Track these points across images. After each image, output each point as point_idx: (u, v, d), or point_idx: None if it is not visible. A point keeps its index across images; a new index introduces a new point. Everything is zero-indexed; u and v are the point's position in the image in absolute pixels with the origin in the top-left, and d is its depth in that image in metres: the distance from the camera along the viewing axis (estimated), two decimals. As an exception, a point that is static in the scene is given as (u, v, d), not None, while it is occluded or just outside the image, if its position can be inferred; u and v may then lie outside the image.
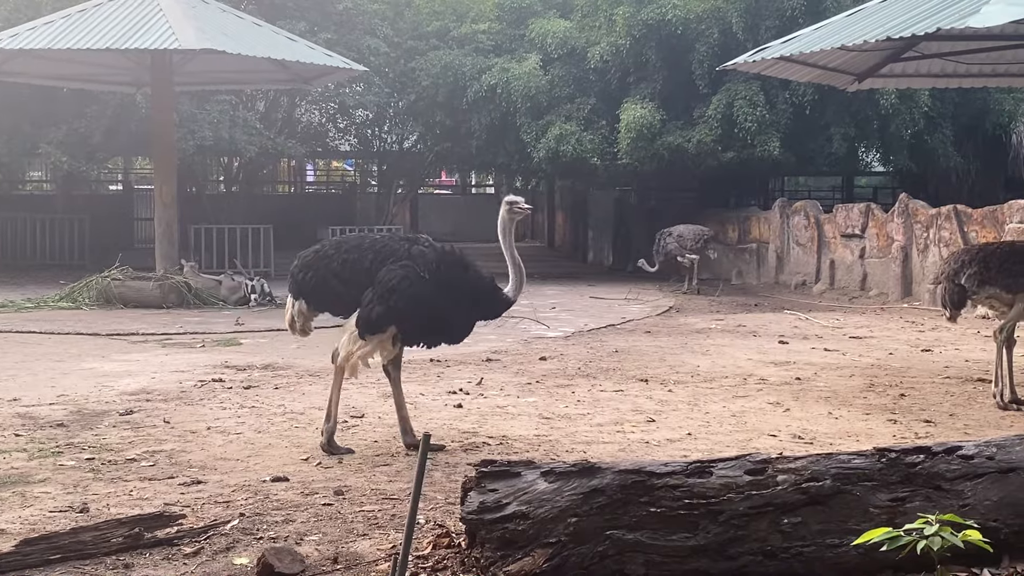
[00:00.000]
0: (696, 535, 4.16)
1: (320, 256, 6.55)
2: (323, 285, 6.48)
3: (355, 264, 6.41)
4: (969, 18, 6.70)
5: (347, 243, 6.67)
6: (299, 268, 6.61)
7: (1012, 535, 4.45)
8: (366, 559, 4.48)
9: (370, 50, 21.78)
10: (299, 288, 6.60)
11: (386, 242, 6.54)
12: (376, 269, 6.34)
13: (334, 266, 6.45)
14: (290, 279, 6.71)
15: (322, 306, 6.65)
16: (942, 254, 16.25)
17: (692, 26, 19.79)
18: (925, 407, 8.27)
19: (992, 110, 21.29)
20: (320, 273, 6.48)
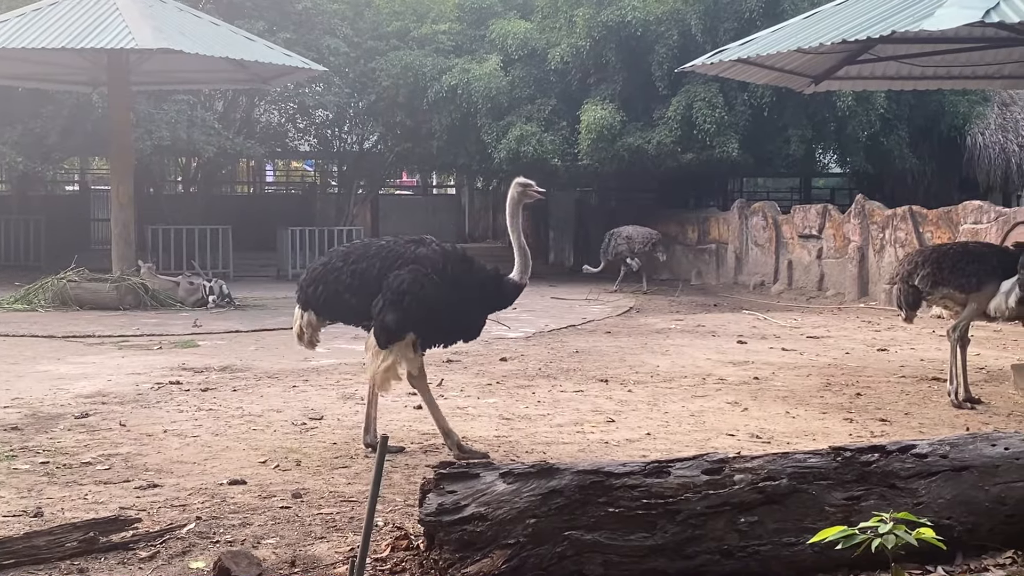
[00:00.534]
0: (654, 535, 4.18)
1: (329, 269, 6.48)
2: (335, 298, 6.42)
3: (364, 274, 6.33)
4: (923, 21, 6.78)
5: (354, 252, 6.55)
6: (308, 282, 6.56)
7: (965, 533, 4.51)
8: (324, 562, 4.46)
9: (330, 50, 21.68)
10: (308, 301, 6.56)
11: (391, 247, 6.45)
12: (384, 275, 6.28)
13: (344, 278, 6.38)
14: (299, 292, 6.66)
15: (333, 317, 6.65)
16: (898, 254, 16.45)
17: (652, 28, 19.87)
18: (881, 406, 8.36)
19: (947, 112, 21.56)
20: (331, 287, 6.42)
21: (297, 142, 27.74)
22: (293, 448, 6.67)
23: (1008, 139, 23.82)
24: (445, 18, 23.19)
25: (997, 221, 15.07)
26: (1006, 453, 4.66)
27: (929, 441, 4.69)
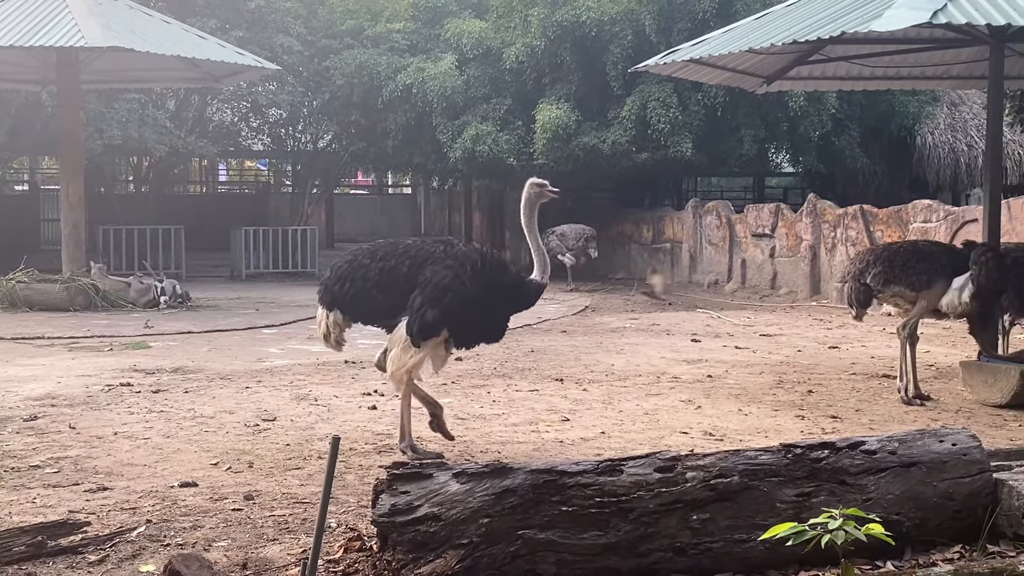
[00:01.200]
0: (607, 533, 4.19)
1: (355, 266, 6.41)
2: (361, 295, 6.35)
3: (392, 272, 6.29)
4: (872, 22, 6.86)
5: (380, 251, 6.49)
6: (333, 280, 6.48)
7: (914, 528, 4.57)
8: (276, 564, 4.43)
9: (283, 48, 21.55)
10: (334, 299, 6.47)
11: (420, 246, 6.45)
12: (413, 274, 6.24)
13: (372, 275, 6.33)
14: (323, 291, 6.56)
15: (358, 316, 6.53)
16: (849, 253, 16.64)
17: (606, 28, 19.94)
18: (832, 403, 8.45)
19: (897, 112, 21.83)
20: (357, 284, 6.36)
21: (250, 141, 27.57)
22: (245, 450, 6.62)
23: (957, 139, 24.15)
24: (400, 17, 23.13)
25: (946, 220, 15.29)
26: (954, 449, 4.72)
27: (878, 438, 4.74)
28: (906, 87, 15.68)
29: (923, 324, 9.45)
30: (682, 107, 19.77)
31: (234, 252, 23.92)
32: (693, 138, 19.88)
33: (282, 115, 25.12)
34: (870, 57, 10.58)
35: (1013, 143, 23.71)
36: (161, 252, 22.57)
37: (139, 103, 20.97)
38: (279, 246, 23.92)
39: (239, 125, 26.15)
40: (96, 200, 23.05)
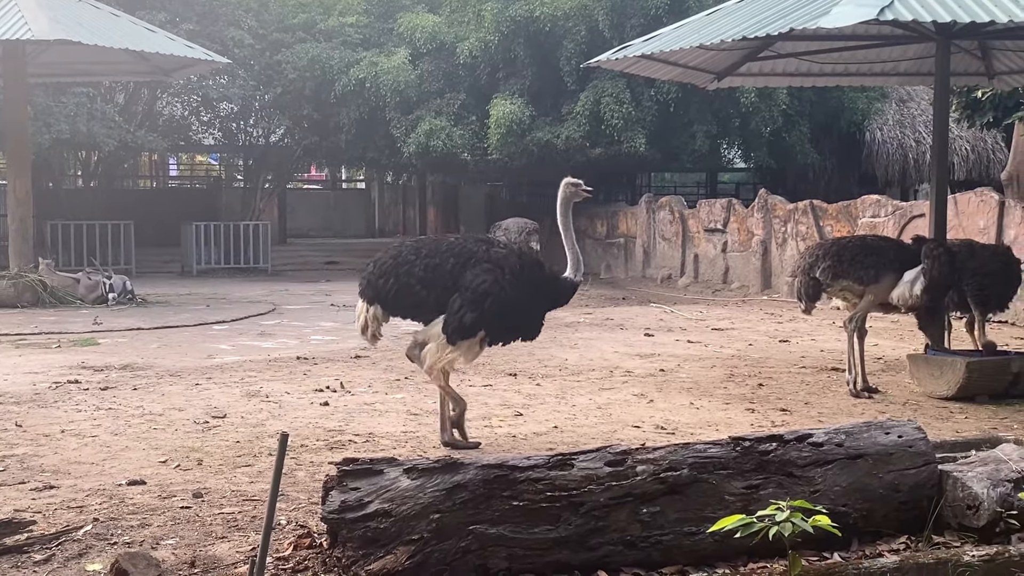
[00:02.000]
0: (558, 527, 4.20)
1: (400, 262, 6.46)
2: (406, 291, 6.41)
3: (438, 269, 6.36)
4: (820, 19, 6.93)
5: (425, 247, 6.56)
6: (377, 274, 6.53)
7: (861, 519, 4.62)
8: (224, 562, 4.39)
9: (234, 42, 21.36)
10: (377, 294, 6.51)
11: (464, 244, 6.51)
12: (458, 272, 6.33)
13: (417, 271, 6.39)
14: (365, 285, 6.60)
15: (399, 311, 6.59)
16: (799, 248, 16.80)
17: (560, 23, 19.97)
18: (782, 396, 8.53)
19: (847, 108, 22.08)
20: (402, 279, 6.41)
21: (201, 135, 27.29)
22: (195, 447, 6.56)
23: (905, 135, 24.47)
24: (352, 11, 23.01)
25: (894, 215, 15.49)
26: (900, 441, 4.79)
27: (825, 430, 4.79)
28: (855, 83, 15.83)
29: (871, 318, 9.57)
30: (635, 103, 19.86)
31: (185, 247, 23.69)
32: (646, 134, 19.98)
33: (233, 109, 24.90)
34: (819, 54, 10.67)
35: (960, 139, 24.06)
36: (110, 248, 22.30)
37: (88, 97, 20.68)
38: (231, 241, 23.72)
39: (190, 119, 25.89)
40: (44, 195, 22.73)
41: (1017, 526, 4.62)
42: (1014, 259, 9.11)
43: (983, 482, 4.66)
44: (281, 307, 15.85)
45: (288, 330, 13.03)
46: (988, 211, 13.86)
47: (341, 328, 13.24)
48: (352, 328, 13.02)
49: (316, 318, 14.40)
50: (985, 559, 4.31)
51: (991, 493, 4.61)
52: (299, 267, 24.86)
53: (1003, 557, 4.34)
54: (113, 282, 16.08)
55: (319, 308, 15.78)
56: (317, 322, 13.93)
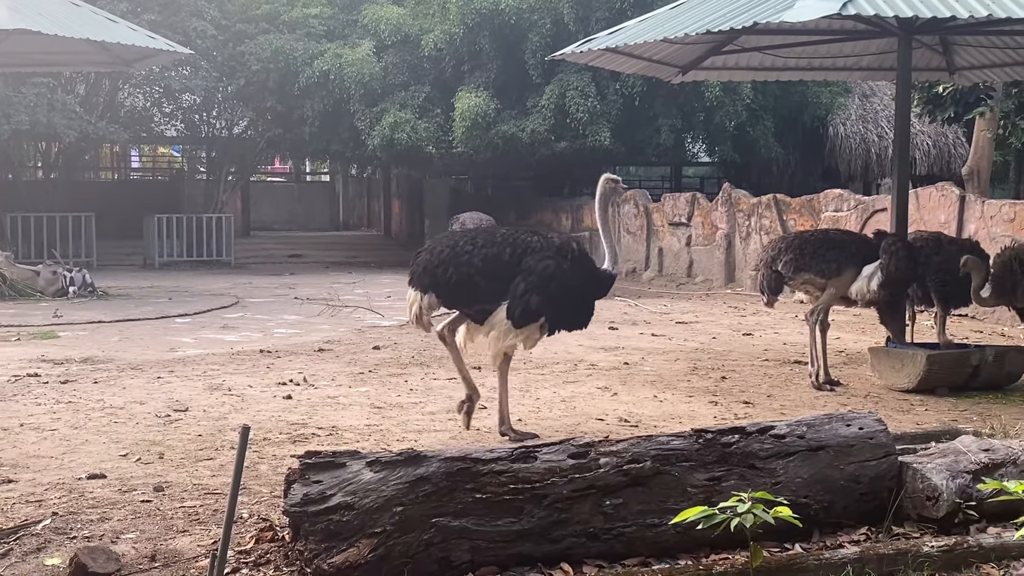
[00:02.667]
0: (521, 519, 4.20)
1: (458, 252, 6.54)
2: (465, 280, 6.51)
3: (496, 259, 6.49)
4: (783, 13, 6.96)
5: (481, 238, 6.67)
6: (435, 264, 6.58)
7: (822, 510, 4.66)
8: (185, 556, 4.36)
9: (197, 33, 21.16)
10: (434, 282, 6.58)
11: (517, 235, 6.65)
12: (515, 262, 6.48)
13: (476, 262, 6.49)
14: (423, 274, 6.64)
15: (454, 300, 6.68)
16: (763, 242, 16.89)
17: (525, 16, 19.95)
18: (745, 389, 8.58)
19: (810, 103, 22.23)
20: (461, 269, 6.50)
21: (163, 127, 27.04)
22: (156, 441, 6.50)
23: (868, 129, 24.68)
24: (316, 2, 22.89)
25: (857, 209, 15.62)
26: (860, 433, 4.83)
27: (787, 422, 4.83)
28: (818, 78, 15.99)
29: (834, 311, 9.63)
30: (600, 97, 19.88)
31: (147, 240, 23.48)
32: (611, 127, 20.01)
33: (196, 100, 24.69)
34: (783, 48, 10.72)
35: (922, 134, 24.31)
36: (71, 240, 22.06)
37: (48, 87, 20.43)
38: (193, 234, 23.54)
39: (151, 110, 25.64)
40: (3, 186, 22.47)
41: (976, 517, 4.68)
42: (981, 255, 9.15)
43: (942, 474, 4.71)
44: (244, 300, 15.75)
45: (251, 323, 12.95)
46: (949, 205, 14.01)
47: (304, 321, 13.19)
48: (315, 321, 13.06)
49: (280, 311, 14.32)
50: (944, 550, 4.35)
51: (950, 484, 4.67)
52: (263, 260, 24.72)
53: (962, 548, 4.38)
54: (74, 275, 15.90)
55: (283, 301, 15.69)
56: (280, 315, 13.85)
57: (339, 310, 14.43)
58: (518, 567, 4.19)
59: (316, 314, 13.95)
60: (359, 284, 18.77)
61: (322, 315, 13.86)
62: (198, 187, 27.64)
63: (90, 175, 31.07)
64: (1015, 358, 8.76)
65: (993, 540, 4.47)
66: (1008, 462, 4.88)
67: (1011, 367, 8.73)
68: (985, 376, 8.57)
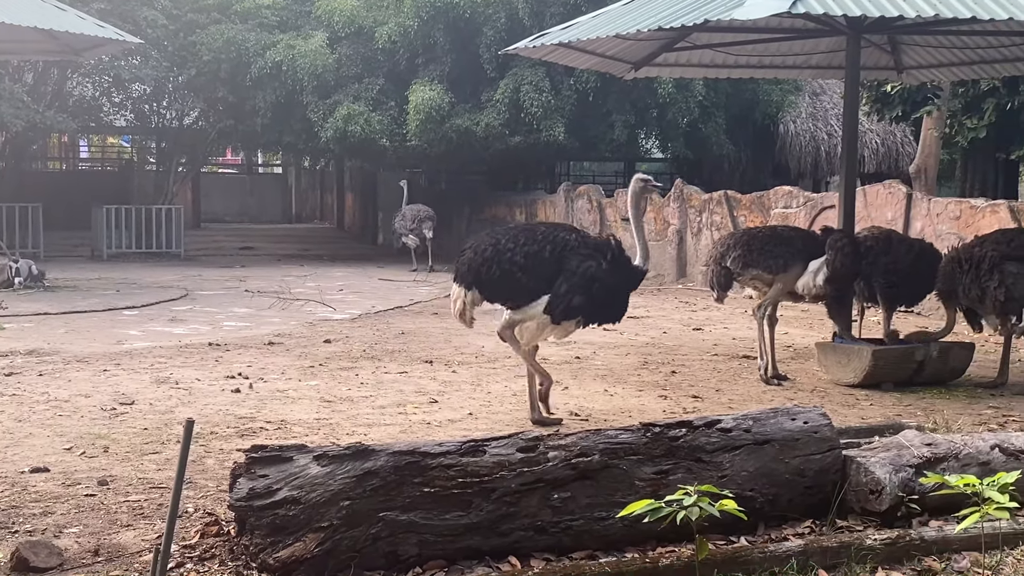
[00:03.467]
0: (469, 513, 4.20)
1: (500, 250, 6.80)
2: (507, 277, 6.78)
3: (537, 256, 6.76)
4: (734, 10, 7.00)
5: (522, 236, 6.91)
6: (479, 262, 6.85)
7: (767, 504, 4.71)
8: (129, 550, 4.31)
9: (147, 22, 20.90)
10: (477, 279, 6.86)
11: (554, 232, 6.91)
12: (555, 259, 6.75)
13: (518, 259, 6.76)
14: (468, 272, 6.90)
15: (496, 296, 6.93)
16: (714, 237, 17.01)
17: (480, 10, 19.91)
18: (694, 383, 8.64)
19: (761, 101, 22.41)
20: (504, 267, 6.77)
21: (113, 117, 26.68)
22: (101, 434, 6.42)
23: (818, 127, 24.93)
24: (269, -8, 22.68)
25: (806, 206, 15.77)
26: (806, 427, 4.88)
27: (734, 416, 4.87)
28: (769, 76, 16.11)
29: (782, 307, 9.73)
30: (555, 91, 19.90)
31: (95, 231, 23.18)
32: (565, 123, 20.03)
33: (146, 90, 24.39)
34: (734, 45, 10.78)
35: (870, 132, 24.61)
36: (17, 231, 21.74)
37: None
38: (142, 225, 23.27)
39: (101, 100, 25.28)
40: (-52, 176, 22.04)
41: (918, 510, 4.75)
42: (932, 256, 9.24)
43: (886, 467, 4.78)
44: (193, 293, 15.60)
45: (200, 316, 12.83)
46: (896, 203, 14.19)
47: (255, 314, 13.09)
48: (265, 314, 12.97)
49: (229, 304, 14.20)
50: (887, 543, 4.41)
51: (893, 478, 4.73)
52: (213, 252, 24.49)
53: (904, 541, 4.45)
54: (20, 266, 15.65)
55: (233, 294, 15.57)
56: (230, 308, 13.73)
57: (290, 303, 14.34)
58: (466, 561, 4.19)
59: (267, 307, 13.86)
60: (311, 277, 18.67)
61: (273, 308, 13.77)
62: (148, 178, 27.31)
63: (38, 165, 30.62)
64: (959, 354, 8.91)
65: (935, 533, 4.54)
66: (950, 456, 4.96)
67: (955, 363, 8.87)
68: (929, 372, 8.71)
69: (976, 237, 9.18)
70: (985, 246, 8.54)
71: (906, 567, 4.34)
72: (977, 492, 4.17)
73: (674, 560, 4.13)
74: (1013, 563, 4.39)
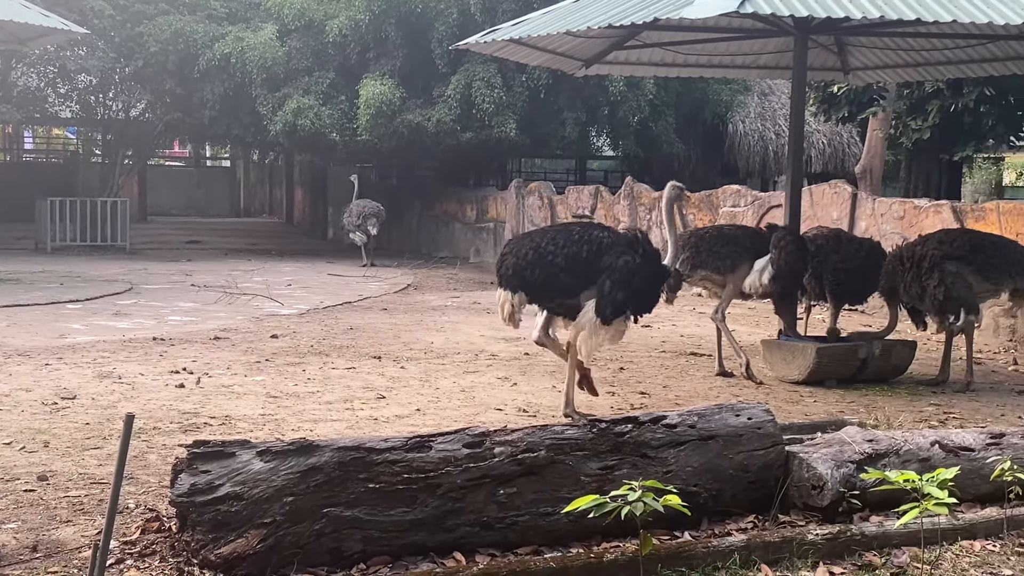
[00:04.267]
0: (415, 509, 4.19)
1: (543, 253, 7.03)
2: (551, 280, 7.03)
3: (576, 257, 6.99)
4: (683, 9, 7.04)
5: (560, 238, 7.14)
6: (523, 265, 7.05)
7: (711, 499, 4.75)
8: (68, 546, 4.25)
9: (94, 12, 20.59)
10: (522, 282, 7.07)
11: (591, 233, 7.15)
12: (593, 260, 6.98)
13: (559, 261, 7.00)
14: (513, 276, 7.10)
15: (541, 296, 7.17)
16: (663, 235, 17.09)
17: (432, 5, 19.84)
18: (642, 379, 8.69)
19: (711, 100, 22.57)
20: (547, 269, 7.00)
21: (58, 108, 26.23)
22: (42, 429, 6.32)
23: (766, 127, 25.16)
24: (218, -16, 22.44)
25: (753, 205, 15.91)
26: (749, 423, 4.93)
27: (679, 412, 4.90)
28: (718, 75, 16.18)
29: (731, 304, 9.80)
30: (506, 88, 19.88)
31: (39, 224, 22.79)
32: (517, 119, 20.03)
33: (92, 81, 24.02)
34: (684, 44, 10.85)
35: (817, 132, 24.90)
36: (-42, 222, 21.33)
37: (-65, 64, 19.69)
38: (87, 218, 22.92)
39: (46, 91, 24.85)
40: None
41: (859, 506, 4.81)
42: (879, 255, 9.36)
43: (827, 463, 4.84)
44: (139, 287, 15.40)
45: (145, 310, 12.66)
46: (841, 203, 14.36)
47: (201, 309, 12.95)
48: (212, 309, 12.84)
49: (175, 298, 14.03)
50: (828, 537, 4.47)
51: (835, 474, 4.79)
52: (159, 246, 24.19)
53: (845, 536, 4.51)
54: (-41, 258, 15.37)
55: (179, 288, 15.38)
56: (176, 302, 13.58)
57: (237, 298, 14.21)
58: (411, 557, 4.18)
59: (213, 302, 13.72)
60: (259, 272, 18.50)
61: (219, 303, 13.64)
62: (93, 170, 26.91)
63: (-20, 156, 30.07)
64: (901, 352, 9.04)
65: (875, 528, 4.60)
66: (891, 452, 5.03)
67: (897, 360, 9.00)
68: (872, 369, 8.83)
69: (919, 236, 9.33)
70: (927, 245, 8.68)
71: (847, 562, 4.39)
72: (917, 488, 4.23)
73: (619, 555, 4.15)
74: (951, 558, 4.46)
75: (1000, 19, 7.16)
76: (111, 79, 23.76)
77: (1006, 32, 8.96)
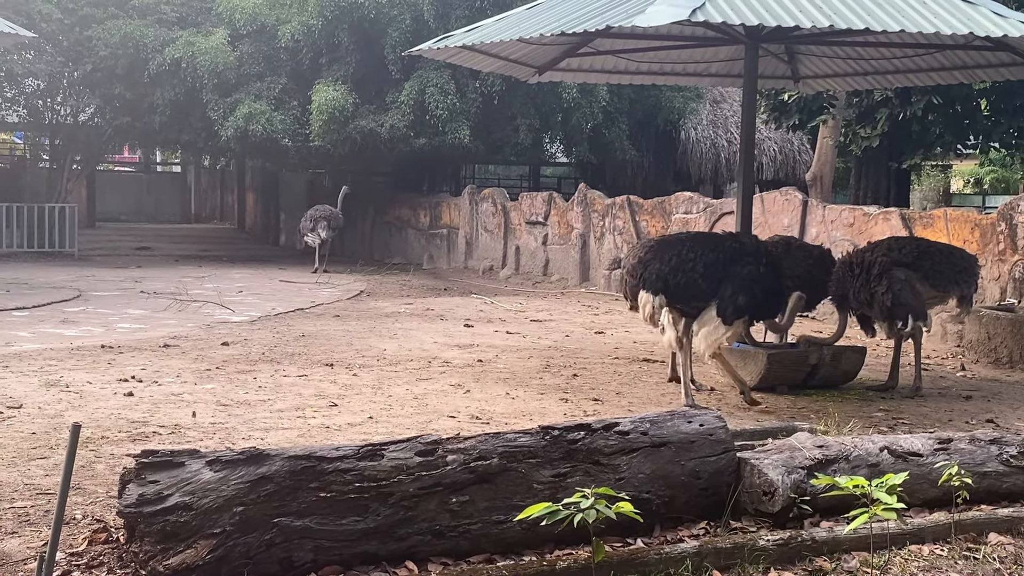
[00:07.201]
0: (366, 518, 4.16)
1: (684, 260, 7.74)
2: (691, 284, 7.73)
3: (714, 264, 7.72)
4: (635, 17, 7.06)
5: (698, 246, 7.86)
6: (667, 272, 7.75)
7: (663, 505, 4.76)
8: (14, 558, 4.17)
9: (41, 15, 20.31)
10: (666, 287, 7.78)
11: (720, 241, 8.02)
12: (723, 266, 7.71)
13: (699, 268, 7.71)
14: (656, 280, 7.78)
15: (679, 300, 7.84)
16: (616, 241, 17.22)
17: (384, 10, 19.80)
18: (595, 386, 8.71)
19: (664, 107, 22.73)
20: (688, 275, 7.71)
21: (5, 112, 25.82)
22: (-14, 439, 6.20)
23: (718, 134, 25.38)
24: (169, -12, 22.22)
25: (705, 211, 16.03)
26: (701, 429, 4.95)
27: (631, 419, 4.91)
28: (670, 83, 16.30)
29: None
30: (460, 94, 19.89)
31: (-16, 229, 22.43)
32: (471, 125, 20.03)
33: (40, 86, 23.67)
34: (636, 52, 10.90)
35: (768, 140, 25.14)
36: (-100, 228, 20.92)
37: None
38: (34, 224, 22.58)
39: (-8, 95, 24.49)
40: None
41: (810, 511, 4.85)
42: (827, 262, 9.44)
43: (778, 469, 4.87)
44: (87, 293, 15.18)
45: (93, 317, 12.49)
46: (792, 210, 14.50)
47: (150, 316, 12.80)
48: (161, 316, 12.69)
49: (124, 305, 13.86)
50: (779, 543, 4.49)
51: (786, 480, 4.82)
52: (108, 252, 23.88)
53: (796, 541, 4.53)
54: (-99, 265, 15.08)
55: (128, 295, 15.19)
56: (125, 309, 13.40)
57: (187, 305, 14.06)
58: (362, 566, 4.15)
59: (163, 309, 13.56)
60: (210, 278, 18.32)
61: (169, 310, 13.48)
62: (40, 175, 26.52)
63: (-77, 160, 29.51)
64: (851, 358, 9.13)
65: (826, 534, 4.64)
66: (841, 458, 5.07)
67: (847, 366, 9.09)
68: (822, 375, 8.91)
69: (868, 243, 9.44)
70: (876, 252, 8.78)
71: (798, 567, 4.42)
72: (866, 493, 4.27)
73: (571, 563, 4.15)
74: (900, 563, 4.51)
75: (947, 29, 7.27)
76: (59, 83, 23.45)
77: (952, 42, 9.09)
